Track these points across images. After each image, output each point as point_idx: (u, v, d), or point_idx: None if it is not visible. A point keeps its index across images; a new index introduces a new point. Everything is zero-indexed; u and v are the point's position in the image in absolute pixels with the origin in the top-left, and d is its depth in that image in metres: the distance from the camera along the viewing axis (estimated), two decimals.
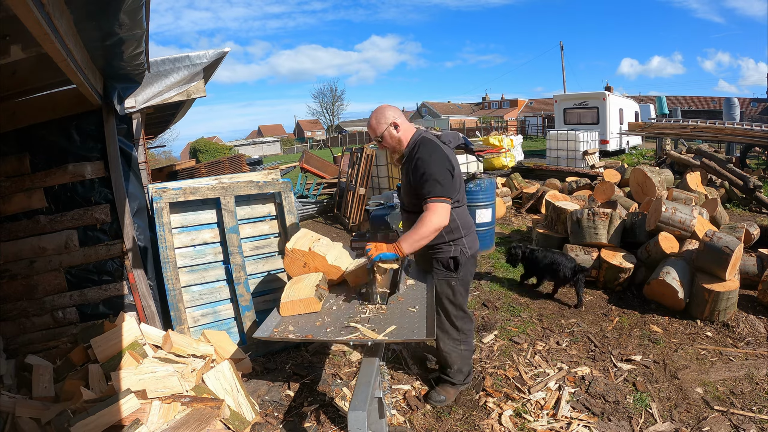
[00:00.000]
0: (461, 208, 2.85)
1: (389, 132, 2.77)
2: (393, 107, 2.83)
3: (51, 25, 1.58)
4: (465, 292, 2.94)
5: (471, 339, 3.06)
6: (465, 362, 3.04)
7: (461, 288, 2.89)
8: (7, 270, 3.22)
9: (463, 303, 2.93)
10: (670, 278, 4.03)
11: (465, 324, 2.97)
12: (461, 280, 2.87)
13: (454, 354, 2.98)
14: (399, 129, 2.77)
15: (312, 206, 9.64)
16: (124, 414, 2.28)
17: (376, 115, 2.79)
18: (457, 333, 2.95)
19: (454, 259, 2.82)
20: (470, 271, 2.93)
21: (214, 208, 3.63)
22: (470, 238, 2.87)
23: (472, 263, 2.92)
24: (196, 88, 3.79)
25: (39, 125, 3.26)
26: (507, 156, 14.02)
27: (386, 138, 2.78)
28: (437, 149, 2.69)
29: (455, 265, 2.82)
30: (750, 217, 7.31)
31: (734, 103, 16.01)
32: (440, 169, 2.62)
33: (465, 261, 2.84)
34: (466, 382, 3.11)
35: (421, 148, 2.70)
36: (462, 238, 2.81)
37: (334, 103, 66.38)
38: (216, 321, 3.59)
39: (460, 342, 2.97)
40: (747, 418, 2.70)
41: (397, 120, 2.76)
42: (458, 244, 2.81)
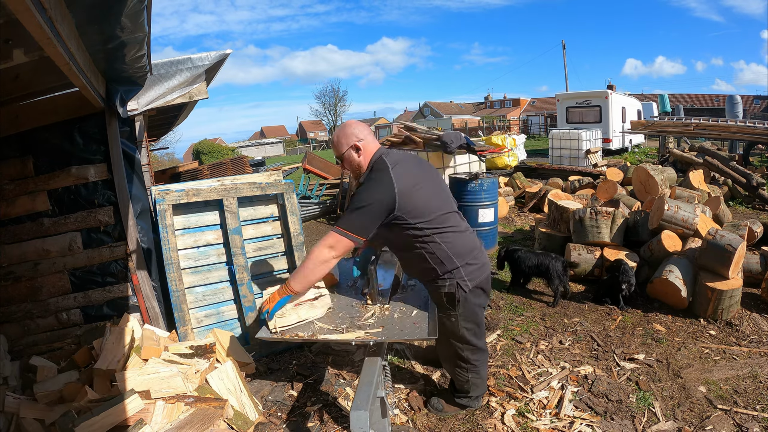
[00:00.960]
0: (450, 232, 2.46)
1: (349, 155, 2.51)
2: (359, 124, 2.56)
3: (53, 29, 1.59)
4: (475, 326, 2.62)
5: (481, 368, 2.78)
6: (473, 388, 2.82)
7: (465, 323, 2.57)
8: (11, 272, 3.24)
9: (468, 337, 2.62)
10: (673, 277, 4.02)
11: (473, 355, 2.70)
12: (462, 316, 2.54)
13: (460, 379, 2.79)
14: (360, 153, 2.48)
15: (315, 207, 9.65)
16: (128, 414, 2.30)
17: (338, 134, 2.55)
18: (464, 363, 2.71)
19: (450, 295, 2.48)
20: (476, 304, 2.57)
21: (217, 209, 3.65)
22: (472, 267, 2.49)
23: (477, 295, 2.56)
24: (199, 90, 3.80)
25: (42, 128, 3.28)
26: (509, 155, 14.02)
27: (345, 160, 2.53)
28: (383, 176, 2.34)
29: (450, 302, 2.50)
30: (753, 215, 7.29)
31: (737, 101, 15.95)
32: (368, 198, 2.31)
33: (464, 297, 2.48)
34: (470, 406, 2.88)
35: (371, 172, 2.43)
36: (458, 268, 2.45)
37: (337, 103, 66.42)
38: (219, 322, 3.60)
39: (467, 371, 2.74)
40: (750, 416, 2.70)
41: (360, 142, 2.48)
42: (454, 276, 2.45)
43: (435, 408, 2.90)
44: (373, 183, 2.34)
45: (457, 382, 2.83)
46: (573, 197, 7.14)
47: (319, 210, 9.70)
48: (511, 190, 9.39)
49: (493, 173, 6.88)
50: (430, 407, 2.93)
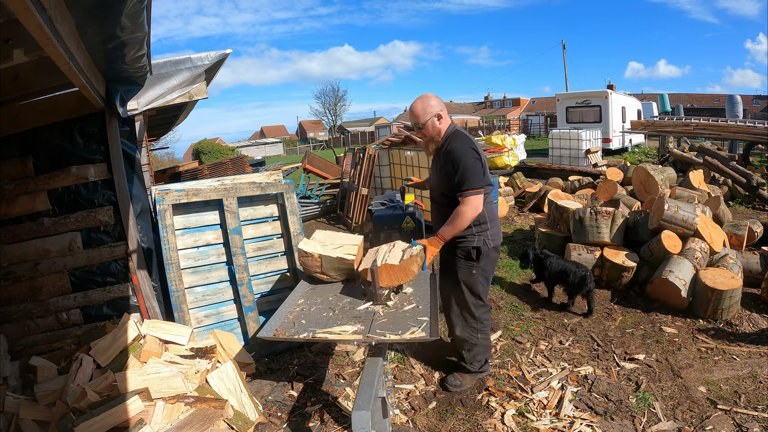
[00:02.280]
0: (488, 198, 2.90)
1: (432, 122, 2.84)
2: (437, 98, 2.90)
3: (53, 29, 1.59)
4: (485, 282, 3.00)
5: (488, 328, 3.13)
6: (482, 350, 3.10)
7: (481, 278, 2.95)
8: (11, 272, 3.24)
9: (482, 292, 2.98)
10: (673, 277, 4.02)
11: (483, 313, 3.03)
12: (482, 269, 2.93)
13: (471, 341, 3.05)
14: (442, 121, 2.85)
15: (315, 207, 9.65)
16: (128, 415, 2.29)
17: (422, 104, 2.85)
18: (474, 321, 3.01)
19: (477, 249, 2.87)
20: (492, 263, 2.99)
21: (216, 209, 3.65)
22: (495, 230, 2.94)
23: (494, 255, 2.98)
24: (198, 90, 3.80)
25: (42, 128, 3.28)
26: (509, 155, 14.03)
27: (428, 127, 2.85)
28: (469, 141, 2.78)
29: (477, 254, 2.88)
30: (753, 215, 7.29)
31: (737, 101, 15.93)
32: (473, 161, 2.70)
33: (487, 252, 2.89)
34: (482, 370, 3.17)
35: (453, 141, 2.79)
36: (488, 230, 2.89)
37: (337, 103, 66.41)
38: (219, 322, 3.60)
39: (477, 330, 3.03)
40: (750, 416, 2.69)
41: (442, 112, 2.85)
42: (483, 234, 2.87)
43: (453, 385, 3.10)
44: (467, 146, 2.74)
45: (467, 349, 3.08)
46: (573, 197, 7.13)
47: (319, 210, 9.70)
48: (511, 190, 9.38)
49: (493, 173, 6.89)
50: (449, 386, 3.11)
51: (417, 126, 2.88)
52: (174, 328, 3.10)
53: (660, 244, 4.46)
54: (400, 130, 9.68)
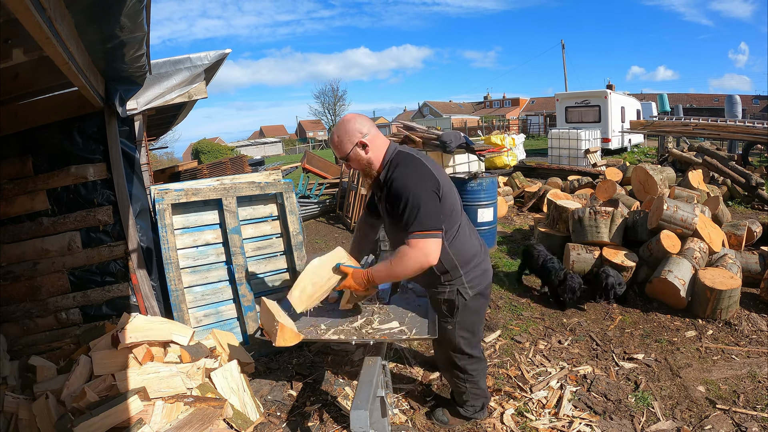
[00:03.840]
0: (457, 236, 2.34)
1: (356, 154, 2.26)
2: (361, 117, 2.30)
3: (52, 28, 1.59)
4: (470, 334, 2.52)
5: (479, 379, 2.68)
6: (473, 397, 2.72)
7: (461, 332, 2.48)
8: (10, 272, 3.24)
9: (463, 346, 2.53)
10: (672, 277, 4.02)
11: (470, 365, 2.61)
12: (459, 324, 2.45)
13: (460, 390, 2.72)
14: (368, 149, 2.25)
15: (314, 206, 9.65)
16: (128, 415, 2.30)
17: (339, 131, 2.27)
18: (460, 372, 2.63)
19: (449, 302, 2.40)
20: (475, 312, 2.48)
21: (216, 209, 3.65)
22: (474, 273, 2.39)
23: (477, 303, 2.46)
24: (198, 90, 3.80)
25: (41, 128, 3.28)
26: (509, 155, 14.01)
27: (353, 159, 2.28)
28: (418, 166, 2.19)
29: (449, 309, 2.42)
30: (752, 215, 7.30)
31: (736, 101, 15.95)
32: (423, 191, 2.11)
33: (463, 304, 2.39)
34: (475, 417, 2.78)
35: (397, 169, 2.19)
36: (461, 276, 2.36)
37: (336, 103, 66.40)
38: (219, 321, 3.60)
39: (465, 381, 2.65)
40: (749, 416, 2.70)
41: (366, 138, 2.24)
42: (454, 283, 2.36)
43: (440, 420, 2.81)
44: (416, 177, 2.14)
45: (457, 394, 2.76)
46: (572, 197, 7.14)
47: (318, 209, 9.70)
48: (510, 190, 9.39)
49: (492, 173, 6.89)
50: (435, 419, 2.83)
51: (342, 160, 2.32)
52: (174, 327, 3.10)
53: (659, 244, 4.46)
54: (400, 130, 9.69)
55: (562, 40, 33.38)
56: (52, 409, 2.50)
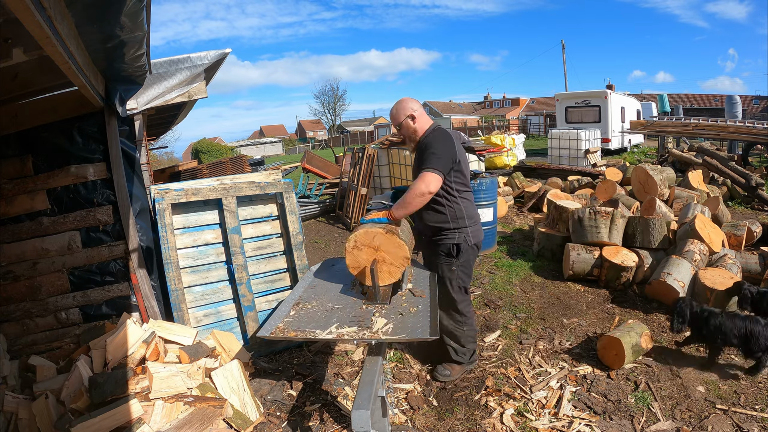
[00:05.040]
0: (467, 199, 3.06)
1: (406, 122, 3.04)
2: (414, 100, 3.09)
3: (52, 28, 1.59)
4: (466, 277, 3.14)
5: (472, 320, 3.27)
6: (468, 341, 3.24)
7: (462, 273, 3.10)
8: (10, 271, 3.24)
9: (462, 286, 3.13)
10: (671, 279, 4.02)
11: (466, 306, 3.19)
12: (462, 265, 3.07)
13: (457, 332, 3.19)
14: (415, 121, 3.02)
15: (314, 206, 9.65)
16: (126, 417, 2.29)
17: (397, 106, 3.07)
18: (458, 315, 3.16)
19: (457, 245, 3.01)
20: (472, 258, 3.13)
21: (216, 208, 3.65)
22: (474, 228, 3.08)
23: (474, 252, 3.12)
24: (198, 90, 3.80)
25: (41, 127, 3.28)
26: (509, 155, 14.02)
27: (404, 127, 3.06)
28: (447, 137, 2.93)
29: (457, 251, 3.02)
30: (752, 215, 7.30)
31: (736, 101, 15.95)
32: (442, 148, 2.84)
33: (467, 248, 3.03)
34: (471, 361, 3.33)
35: (431, 135, 2.97)
36: (467, 226, 3.02)
37: (336, 102, 66.39)
38: (218, 321, 3.60)
39: (462, 322, 3.18)
40: (749, 416, 2.70)
41: (415, 112, 3.02)
42: (462, 231, 3.01)
43: (443, 375, 3.25)
44: (442, 139, 2.90)
45: (454, 337, 3.20)
46: (572, 197, 7.15)
47: (318, 209, 9.70)
48: (510, 190, 9.39)
49: (492, 173, 6.90)
50: (438, 375, 3.26)
51: (396, 126, 3.11)
52: (179, 329, 3.11)
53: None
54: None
55: (562, 40, 33.39)
56: (51, 408, 2.50)
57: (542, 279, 5.10)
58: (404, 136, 3.14)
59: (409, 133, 3.08)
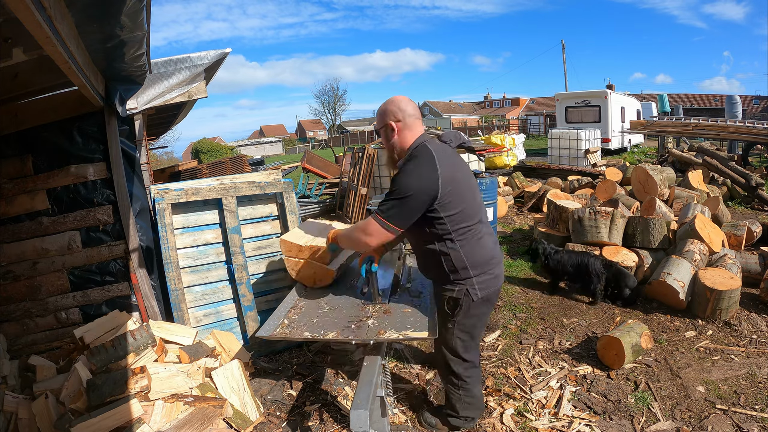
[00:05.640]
0: (470, 236, 2.29)
1: (384, 133, 2.39)
2: (404, 101, 2.36)
3: (52, 27, 1.59)
4: (468, 338, 2.46)
5: (474, 387, 2.60)
6: (465, 408, 2.61)
7: (460, 333, 2.42)
8: (10, 271, 3.24)
9: (460, 349, 2.46)
10: (671, 279, 4.02)
11: (465, 371, 2.53)
12: (460, 324, 2.39)
13: (452, 397, 2.61)
14: (394, 135, 2.34)
15: (314, 206, 9.64)
16: (126, 417, 2.29)
17: (381, 108, 2.40)
18: (454, 378, 2.55)
19: (455, 300, 2.34)
20: (478, 316, 2.42)
21: (216, 208, 3.65)
22: (486, 276, 2.33)
23: (482, 306, 2.40)
24: (198, 89, 3.80)
25: (41, 127, 3.28)
26: (509, 155, 14.02)
27: (381, 135, 2.42)
28: (426, 167, 2.18)
29: (453, 307, 2.35)
30: (752, 215, 7.30)
31: (736, 101, 15.97)
32: (411, 186, 2.14)
33: (468, 305, 2.33)
34: (464, 427, 2.70)
35: (409, 162, 2.24)
36: (471, 277, 2.30)
37: (336, 102, 66.40)
38: (218, 321, 3.60)
39: (459, 387, 2.56)
40: (749, 416, 2.70)
41: (398, 123, 2.32)
42: (464, 283, 2.31)
43: (428, 423, 2.74)
44: (416, 170, 2.16)
45: (451, 399, 2.63)
46: (572, 197, 7.15)
47: (318, 209, 9.70)
48: (510, 190, 9.39)
49: (492, 173, 6.90)
50: (423, 421, 2.77)
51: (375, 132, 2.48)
52: (178, 329, 3.10)
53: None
54: None
55: (562, 40, 33.41)
56: (51, 408, 2.50)
57: (542, 279, 5.10)
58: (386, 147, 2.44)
59: (387, 146, 2.40)
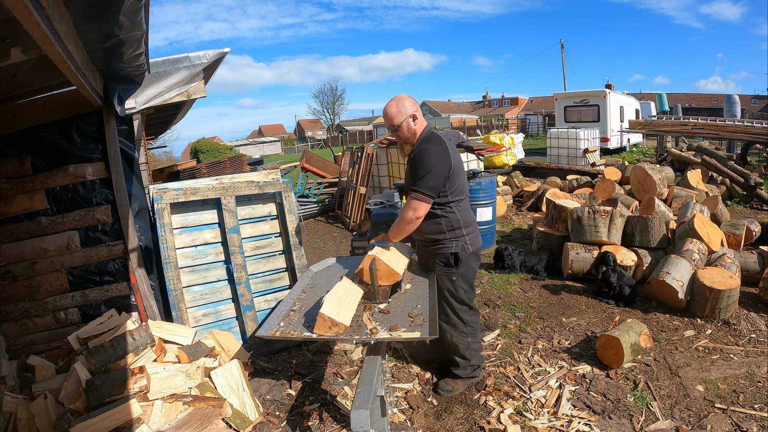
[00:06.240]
0: (463, 205, 2.89)
1: (407, 124, 2.80)
2: (411, 99, 2.86)
3: (51, 27, 1.59)
4: (469, 287, 2.97)
5: (478, 332, 3.12)
6: (473, 354, 3.08)
7: (463, 283, 2.92)
8: (9, 271, 3.23)
9: (464, 297, 2.95)
10: (670, 278, 4.03)
11: (470, 317, 3.01)
12: (462, 275, 2.90)
13: (462, 346, 3.01)
14: (416, 122, 2.81)
15: (313, 206, 9.64)
16: (126, 416, 2.29)
17: (397, 104, 2.80)
18: (463, 326, 2.98)
19: (455, 255, 2.85)
20: (472, 267, 2.96)
21: (215, 208, 3.64)
22: (473, 235, 2.92)
23: (474, 260, 2.96)
24: (197, 89, 3.79)
25: (40, 127, 3.27)
26: (508, 154, 14.01)
27: (403, 129, 2.81)
28: (441, 147, 2.73)
29: (455, 260, 2.85)
30: (751, 215, 7.31)
31: (735, 100, 15.96)
32: (436, 163, 2.67)
33: (466, 257, 2.87)
34: (474, 375, 3.14)
35: (427, 145, 2.76)
36: (464, 236, 2.86)
37: (335, 102, 66.37)
38: (217, 321, 3.60)
39: (467, 334, 3.01)
40: (748, 415, 2.70)
41: (416, 113, 2.81)
42: (459, 240, 2.85)
43: (445, 390, 3.08)
44: (434, 151, 2.71)
45: (459, 350, 3.02)
46: (571, 196, 7.15)
47: (317, 208, 9.70)
48: (509, 189, 9.39)
49: (491, 172, 6.89)
50: (441, 391, 3.10)
51: (392, 128, 2.85)
52: (177, 329, 3.10)
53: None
54: None
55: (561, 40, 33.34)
56: (50, 408, 2.50)
57: (541, 278, 5.10)
58: (402, 139, 2.89)
59: (408, 135, 2.84)
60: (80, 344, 2.92)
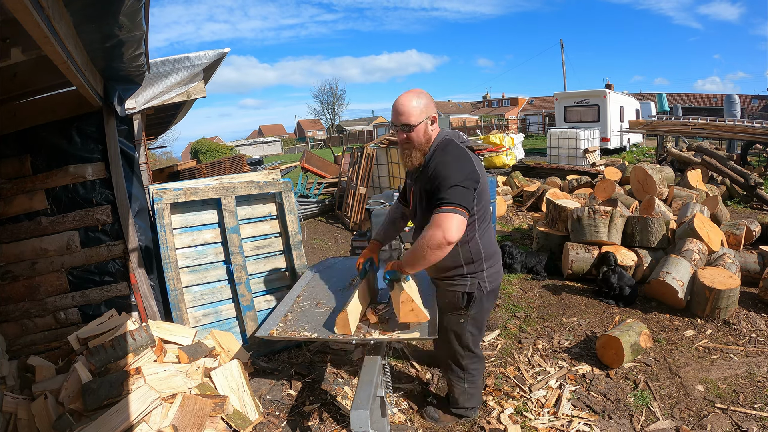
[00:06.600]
0: (487, 233, 2.39)
1: (425, 126, 2.25)
2: (431, 96, 2.31)
3: (51, 27, 1.59)
4: (477, 331, 2.55)
5: (478, 378, 2.72)
6: (468, 399, 2.74)
7: (472, 327, 2.50)
8: (9, 271, 3.23)
9: (470, 343, 2.54)
10: (670, 278, 4.03)
11: (473, 364, 2.63)
12: (472, 319, 2.47)
13: (457, 389, 2.71)
14: (434, 127, 2.29)
15: (313, 206, 9.65)
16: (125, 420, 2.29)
17: (417, 100, 2.23)
18: (461, 371, 2.64)
19: (468, 295, 2.38)
20: (486, 308, 2.52)
21: (215, 208, 3.64)
22: (493, 269, 2.42)
23: (490, 298, 2.49)
24: (197, 89, 3.79)
25: (40, 127, 3.27)
26: (508, 154, 14.01)
27: (419, 131, 2.23)
28: (465, 154, 2.23)
29: (467, 302, 2.40)
30: (751, 215, 7.31)
31: (735, 100, 15.95)
32: (462, 174, 2.12)
33: (480, 298, 2.40)
34: (466, 416, 2.80)
35: (444, 152, 2.22)
36: (484, 270, 2.37)
37: (335, 102, 66.38)
38: (217, 321, 3.60)
39: (464, 380, 2.67)
40: (748, 415, 2.70)
41: (436, 115, 2.29)
42: (477, 276, 2.36)
43: (431, 417, 2.82)
44: (459, 159, 2.17)
45: (454, 392, 2.74)
46: (571, 196, 7.15)
47: (317, 208, 9.70)
48: (509, 189, 9.39)
49: (491, 172, 6.90)
50: (426, 416, 2.84)
51: (405, 127, 2.22)
52: (178, 329, 3.10)
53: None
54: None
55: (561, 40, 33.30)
56: (50, 409, 2.50)
57: (541, 278, 5.10)
58: (412, 143, 2.26)
59: (422, 141, 2.25)
60: (80, 344, 2.93)
